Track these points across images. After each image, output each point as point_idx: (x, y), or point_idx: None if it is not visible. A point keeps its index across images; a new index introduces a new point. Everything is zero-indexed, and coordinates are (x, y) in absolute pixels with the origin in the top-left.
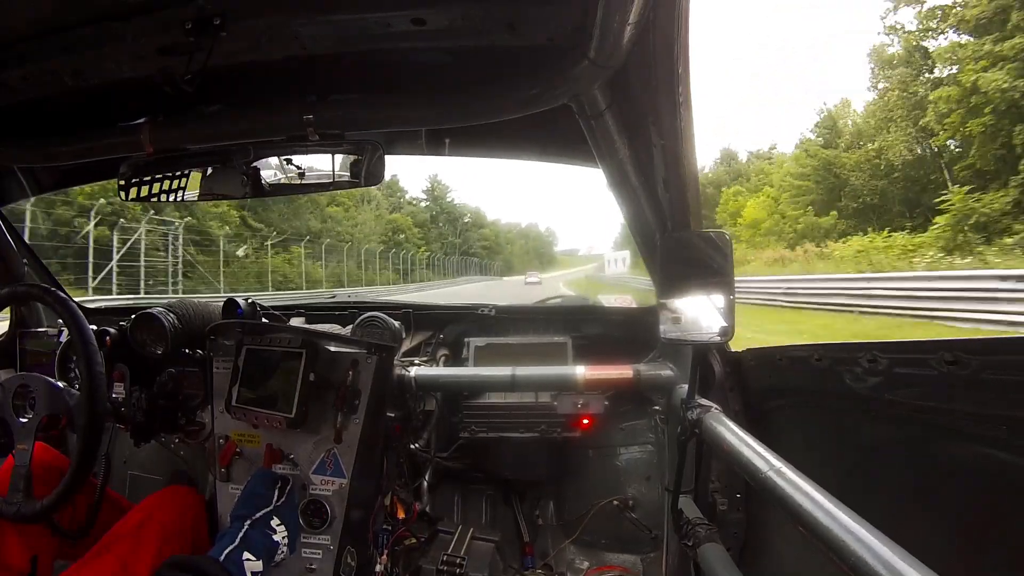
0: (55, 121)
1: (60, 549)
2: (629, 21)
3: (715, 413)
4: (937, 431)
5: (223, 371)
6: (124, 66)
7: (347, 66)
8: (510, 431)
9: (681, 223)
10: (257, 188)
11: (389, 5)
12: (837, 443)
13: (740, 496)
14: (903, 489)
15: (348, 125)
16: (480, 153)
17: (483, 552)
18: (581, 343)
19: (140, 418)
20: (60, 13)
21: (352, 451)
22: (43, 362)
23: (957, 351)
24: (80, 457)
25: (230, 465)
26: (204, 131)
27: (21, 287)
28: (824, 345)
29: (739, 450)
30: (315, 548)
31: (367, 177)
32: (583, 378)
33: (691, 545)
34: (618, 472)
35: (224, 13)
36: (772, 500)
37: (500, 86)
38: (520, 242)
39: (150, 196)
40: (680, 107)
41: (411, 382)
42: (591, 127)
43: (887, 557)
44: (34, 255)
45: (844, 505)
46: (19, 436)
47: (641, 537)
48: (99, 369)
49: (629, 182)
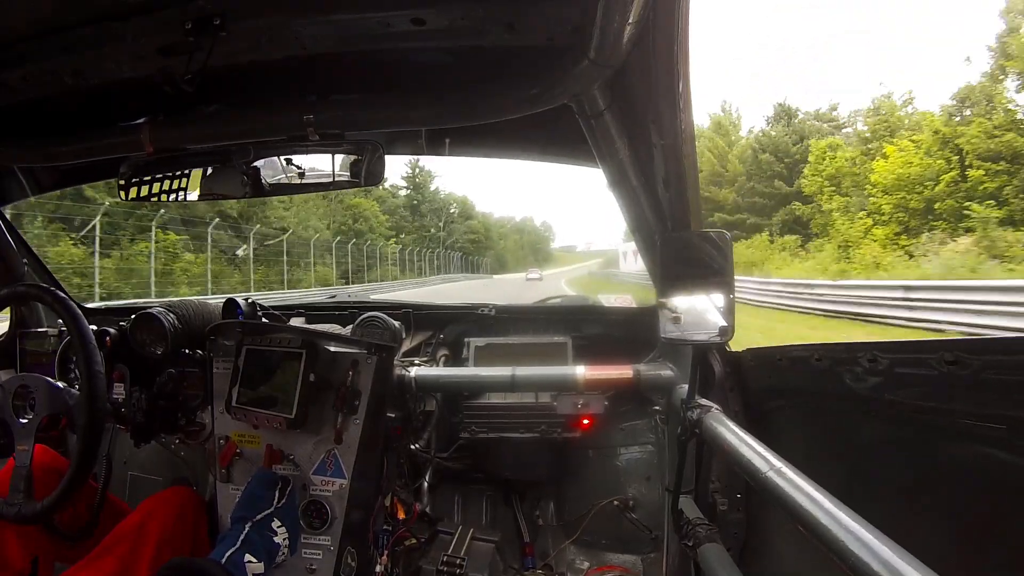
0: (55, 121)
1: (60, 551)
2: (629, 21)
3: (715, 413)
4: (937, 431)
5: (223, 371)
6: (124, 66)
7: (347, 66)
8: (510, 431)
9: (681, 223)
10: (257, 188)
11: (389, 5)
12: (837, 443)
13: (740, 496)
14: (903, 489)
15: (348, 125)
16: (480, 153)
17: (483, 552)
18: (581, 343)
19: (140, 418)
20: (60, 13)
21: (352, 452)
22: (43, 362)
23: (957, 351)
24: (80, 458)
25: (230, 466)
26: (204, 131)
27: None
28: (824, 345)
29: (739, 450)
30: (315, 548)
31: (367, 177)
32: (583, 378)
33: (691, 545)
34: (618, 472)
35: (224, 13)
36: (772, 500)
37: (500, 86)
38: (514, 237)
39: (150, 196)
40: (680, 107)
41: (411, 382)
42: (591, 127)
43: (887, 557)
44: (34, 255)
45: (844, 505)
46: (19, 437)
47: (641, 537)
48: (99, 369)
49: (629, 182)
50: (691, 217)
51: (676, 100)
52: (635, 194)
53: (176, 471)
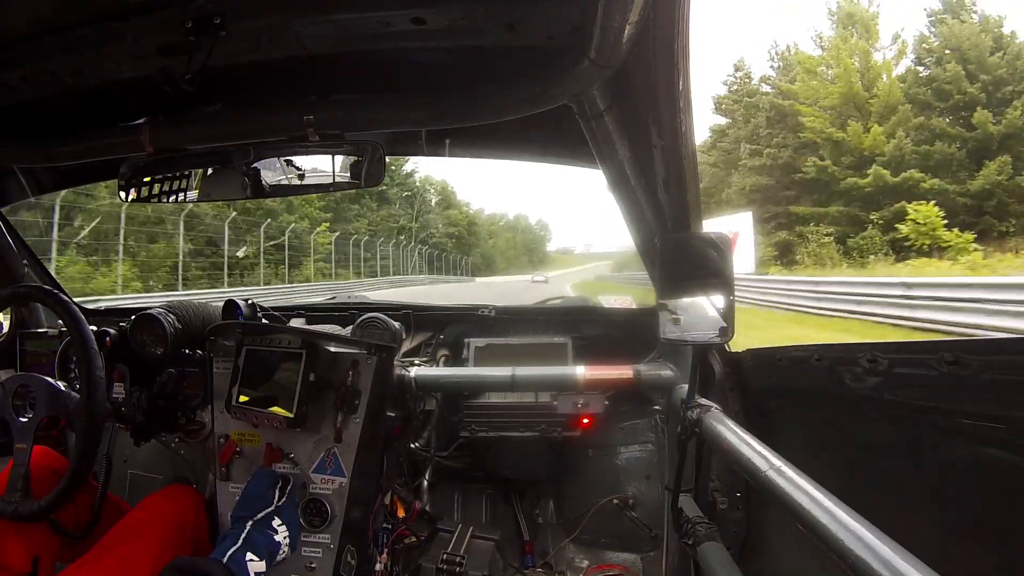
0: (55, 121)
1: (61, 550)
2: (629, 21)
3: (715, 412)
4: (937, 431)
5: (223, 371)
6: (124, 66)
7: (347, 66)
8: (510, 430)
9: (681, 224)
10: (257, 189)
11: (389, 5)
12: (837, 443)
13: (740, 495)
14: (903, 489)
15: (348, 126)
16: (480, 154)
17: (483, 551)
18: (581, 344)
19: (140, 418)
20: (60, 13)
21: (352, 450)
22: (43, 362)
23: (957, 351)
24: (79, 457)
25: (230, 464)
26: (204, 131)
27: (21, 288)
28: (824, 345)
29: (739, 449)
30: (315, 547)
31: (367, 178)
32: (583, 378)
33: (691, 544)
34: (618, 471)
35: (224, 13)
36: (772, 499)
37: (500, 86)
38: (506, 235)
39: (150, 196)
40: (680, 107)
41: (411, 382)
42: (591, 127)
43: (887, 556)
44: (34, 256)
45: (844, 504)
46: (19, 436)
47: (641, 536)
48: (99, 370)
49: (629, 183)
50: (691, 218)
51: (676, 100)
52: (635, 195)
53: (176, 470)
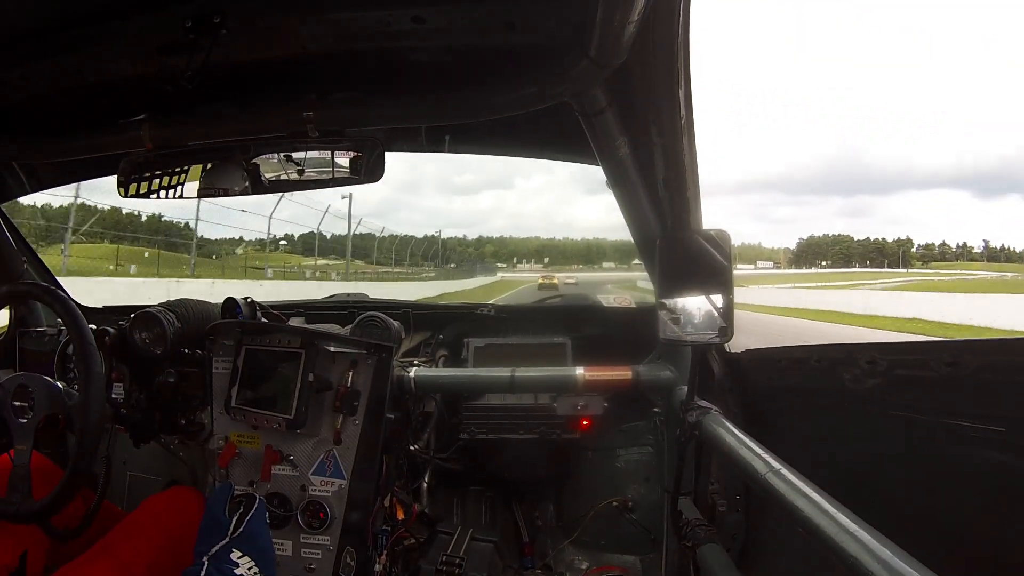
0: (55, 117)
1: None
2: (630, 19)
3: (714, 415)
4: (936, 432)
5: (222, 371)
6: (124, 64)
7: (347, 64)
8: (509, 432)
9: (681, 223)
10: (257, 184)
11: (389, 3)
12: (836, 444)
13: (739, 497)
14: (902, 490)
15: (348, 122)
16: (480, 150)
17: (482, 552)
18: (581, 344)
19: (139, 418)
20: (60, 12)
21: (351, 452)
22: (42, 362)
23: (956, 352)
24: (79, 458)
25: (230, 466)
26: (204, 128)
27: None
28: (824, 346)
29: (738, 451)
30: (314, 548)
31: (367, 173)
32: (583, 379)
33: (690, 546)
34: (617, 473)
35: (224, 11)
36: (771, 501)
37: (500, 84)
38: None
39: (149, 193)
40: (681, 106)
41: (410, 383)
42: (591, 125)
43: (886, 558)
44: (33, 253)
45: (843, 506)
46: (18, 436)
47: (640, 538)
48: (98, 369)
49: (629, 181)
50: (691, 217)
51: (677, 99)
52: (635, 193)
53: (175, 471)
